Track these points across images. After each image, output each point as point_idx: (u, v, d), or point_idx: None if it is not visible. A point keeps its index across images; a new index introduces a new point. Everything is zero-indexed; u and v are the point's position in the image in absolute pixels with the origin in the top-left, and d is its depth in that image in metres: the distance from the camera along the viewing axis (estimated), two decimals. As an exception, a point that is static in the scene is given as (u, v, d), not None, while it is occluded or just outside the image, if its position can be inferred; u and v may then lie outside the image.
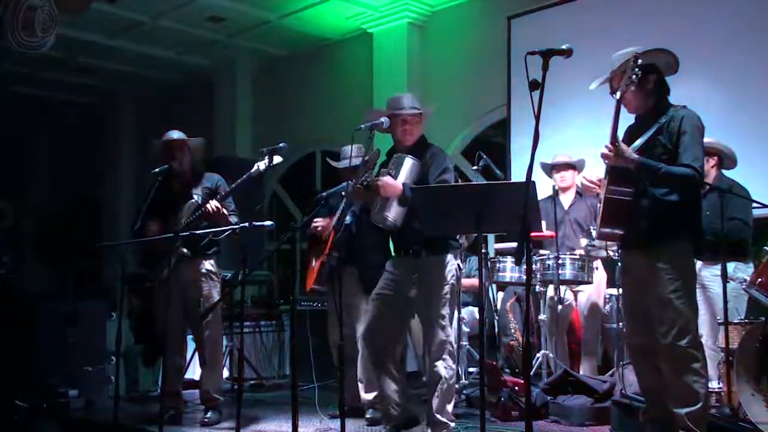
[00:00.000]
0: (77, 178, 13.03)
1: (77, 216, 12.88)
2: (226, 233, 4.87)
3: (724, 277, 4.47)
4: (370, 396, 5.04)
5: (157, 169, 5.22)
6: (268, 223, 4.87)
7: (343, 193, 4.84)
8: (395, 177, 4.21)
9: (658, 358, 3.79)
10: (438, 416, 4.22)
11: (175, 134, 5.37)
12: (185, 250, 5.09)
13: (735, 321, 4.71)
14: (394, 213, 4.16)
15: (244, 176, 4.98)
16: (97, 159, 12.64)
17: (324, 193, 5.27)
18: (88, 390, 6.17)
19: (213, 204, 5.04)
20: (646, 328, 3.82)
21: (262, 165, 4.82)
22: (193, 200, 5.22)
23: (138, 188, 11.64)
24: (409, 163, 4.25)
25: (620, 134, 3.89)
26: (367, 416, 5.02)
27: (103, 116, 12.58)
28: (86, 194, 12.98)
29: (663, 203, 3.73)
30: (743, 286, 4.83)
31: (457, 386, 5.71)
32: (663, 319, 3.70)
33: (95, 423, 5.48)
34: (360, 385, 5.07)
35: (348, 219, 4.85)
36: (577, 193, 6.07)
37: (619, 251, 4.15)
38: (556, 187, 6.06)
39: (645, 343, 3.87)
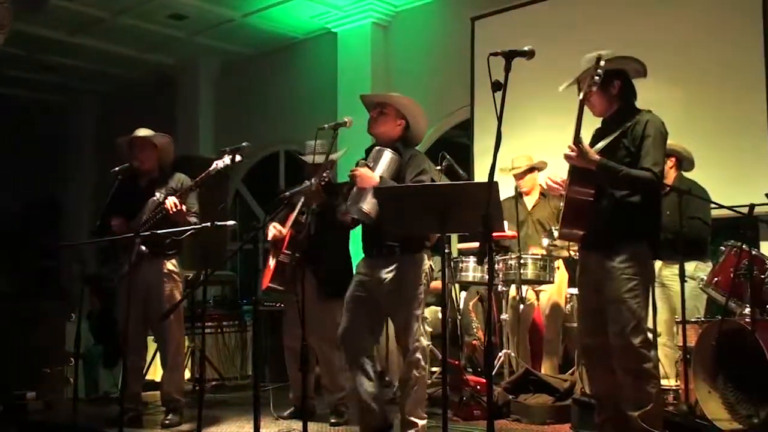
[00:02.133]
0: (38, 177, 12.80)
1: (37, 215, 12.67)
2: (188, 233, 4.82)
3: (682, 276, 4.54)
4: (332, 399, 5.04)
5: (116, 168, 5.16)
6: (230, 222, 4.84)
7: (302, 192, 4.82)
8: (373, 169, 4.19)
9: (610, 358, 3.81)
10: (411, 417, 4.21)
11: (141, 132, 5.29)
12: (143, 248, 4.90)
13: (692, 320, 4.78)
14: (369, 205, 4.12)
15: (203, 174, 4.92)
16: (58, 157, 12.44)
17: (287, 192, 5.24)
18: (47, 392, 6.08)
19: (171, 200, 4.95)
20: (599, 329, 3.84)
21: (221, 163, 4.76)
22: (154, 198, 5.12)
23: (100, 187, 11.49)
24: (388, 156, 4.23)
25: (587, 138, 3.95)
26: (332, 420, 5.01)
27: (64, 114, 12.39)
28: (47, 193, 12.77)
29: (623, 204, 3.77)
30: (701, 286, 4.91)
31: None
32: (616, 318, 3.73)
33: (54, 425, 5.41)
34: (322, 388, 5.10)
35: (306, 219, 4.84)
36: (541, 193, 6.14)
37: (579, 251, 4.18)
38: (520, 190, 6.11)
39: (597, 344, 3.89)
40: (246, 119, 10.13)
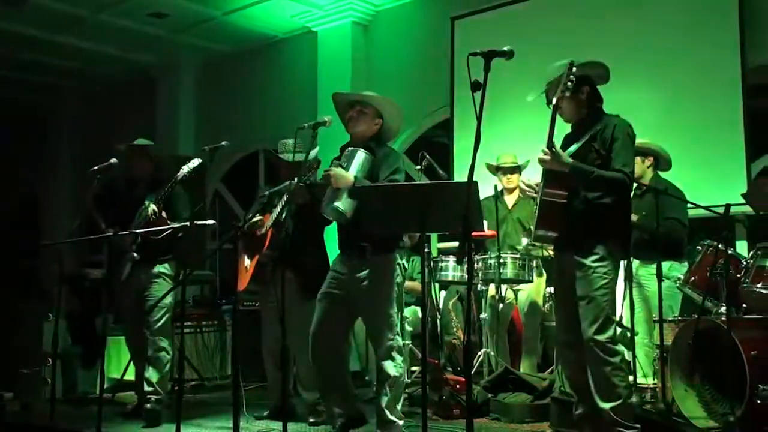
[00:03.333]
0: (17, 176, 12.69)
1: (16, 214, 12.55)
2: (165, 233, 4.84)
3: (660, 276, 4.58)
4: (310, 398, 5.04)
5: (95, 167, 5.15)
6: (209, 222, 4.84)
7: (285, 193, 4.82)
8: (347, 169, 4.21)
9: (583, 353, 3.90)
10: (387, 415, 4.22)
11: (141, 141, 5.49)
12: (135, 255, 5.19)
13: (669, 319, 4.83)
14: (344, 204, 4.15)
15: (171, 182, 5.10)
16: (38, 156, 12.33)
17: (267, 192, 5.24)
18: (24, 392, 6.04)
19: (151, 208, 5.07)
20: (574, 325, 3.93)
21: (186, 169, 4.98)
22: (144, 206, 5.21)
23: (79, 186, 11.41)
24: (361, 156, 4.26)
25: (558, 141, 3.99)
26: (310, 420, 5.01)
27: (44, 113, 12.27)
28: (25, 192, 12.66)
29: (595, 206, 3.85)
30: (677, 285, 4.96)
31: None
32: (585, 315, 3.82)
33: (31, 426, 5.37)
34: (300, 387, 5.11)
35: (284, 218, 4.84)
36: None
37: (554, 252, 4.22)
38: (500, 188, 6.13)
39: (573, 339, 3.97)
40: (226, 118, 10.08)
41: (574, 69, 3.75)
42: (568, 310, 3.98)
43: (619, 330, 4.52)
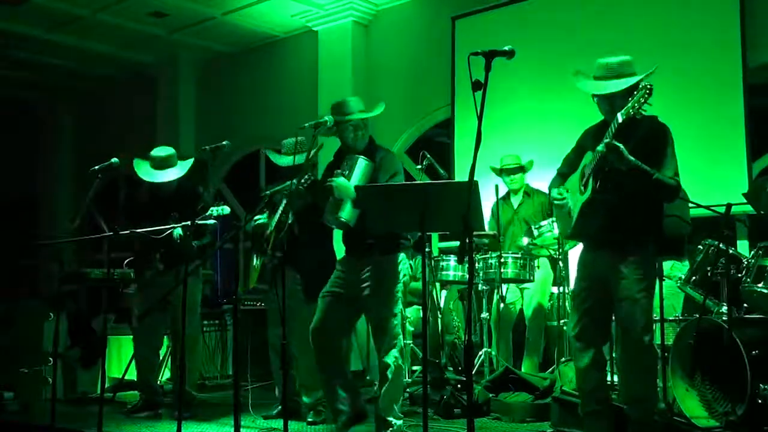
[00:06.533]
0: (13, 175, 12.69)
1: (13, 214, 12.55)
2: (166, 233, 4.84)
3: (661, 275, 4.57)
4: (311, 399, 5.03)
5: (96, 167, 5.15)
6: (211, 221, 4.84)
7: (285, 192, 4.82)
8: (348, 178, 4.21)
9: (601, 353, 3.95)
10: (385, 416, 4.24)
11: (162, 152, 5.56)
12: (160, 266, 5.36)
13: (670, 318, 4.82)
14: (347, 214, 4.15)
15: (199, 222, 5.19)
16: (34, 155, 12.33)
17: (268, 191, 5.23)
18: (24, 392, 6.03)
19: (177, 233, 5.19)
20: (599, 325, 3.95)
21: (215, 211, 5.10)
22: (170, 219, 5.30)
23: (76, 186, 11.42)
24: (363, 164, 4.26)
25: (573, 139, 3.95)
26: (309, 420, 5.01)
27: (41, 112, 12.27)
28: (22, 191, 12.66)
29: (643, 209, 3.84)
30: (678, 284, 4.95)
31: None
32: (629, 317, 3.81)
33: (32, 425, 5.36)
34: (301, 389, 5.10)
35: (289, 219, 4.84)
36: (526, 192, 6.17)
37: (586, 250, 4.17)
38: (502, 190, 6.11)
39: (590, 339, 3.97)
40: (226, 117, 10.08)
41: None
42: (591, 309, 3.96)
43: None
